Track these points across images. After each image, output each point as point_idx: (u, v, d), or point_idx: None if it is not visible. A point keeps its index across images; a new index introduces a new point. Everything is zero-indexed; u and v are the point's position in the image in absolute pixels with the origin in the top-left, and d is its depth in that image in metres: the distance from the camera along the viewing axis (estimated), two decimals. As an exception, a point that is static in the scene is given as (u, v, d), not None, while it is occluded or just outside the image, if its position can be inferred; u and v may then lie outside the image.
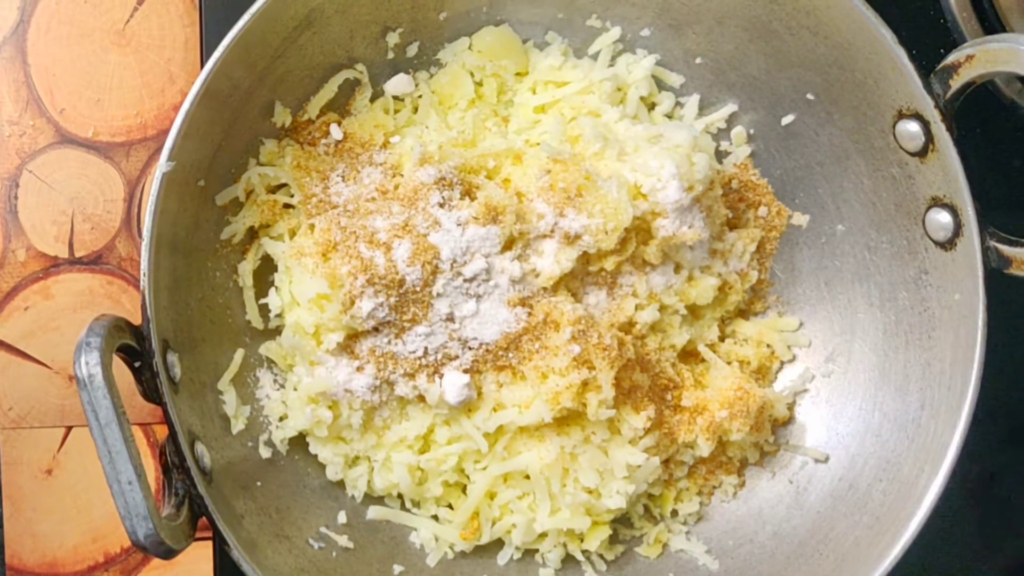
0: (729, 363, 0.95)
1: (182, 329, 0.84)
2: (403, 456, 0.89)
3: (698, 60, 0.94)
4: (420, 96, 0.93)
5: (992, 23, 0.97)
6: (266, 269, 0.91)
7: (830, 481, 0.92)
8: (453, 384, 0.86)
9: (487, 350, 0.86)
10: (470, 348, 0.87)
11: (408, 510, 0.93)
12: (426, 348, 0.87)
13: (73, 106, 0.98)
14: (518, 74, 0.94)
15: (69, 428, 0.97)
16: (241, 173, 0.89)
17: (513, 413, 0.87)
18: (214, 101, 0.82)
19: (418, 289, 0.85)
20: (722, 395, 0.91)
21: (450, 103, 0.93)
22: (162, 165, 0.80)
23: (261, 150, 0.90)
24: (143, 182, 0.98)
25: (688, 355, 0.95)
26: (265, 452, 0.89)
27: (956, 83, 0.80)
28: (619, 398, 0.87)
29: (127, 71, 0.98)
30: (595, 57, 0.94)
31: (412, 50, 0.93)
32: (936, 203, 0.85)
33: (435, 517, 0.92)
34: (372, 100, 0.93)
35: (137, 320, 0.79)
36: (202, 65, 0.96)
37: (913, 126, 0.83)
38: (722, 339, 0.96)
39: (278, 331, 0.91)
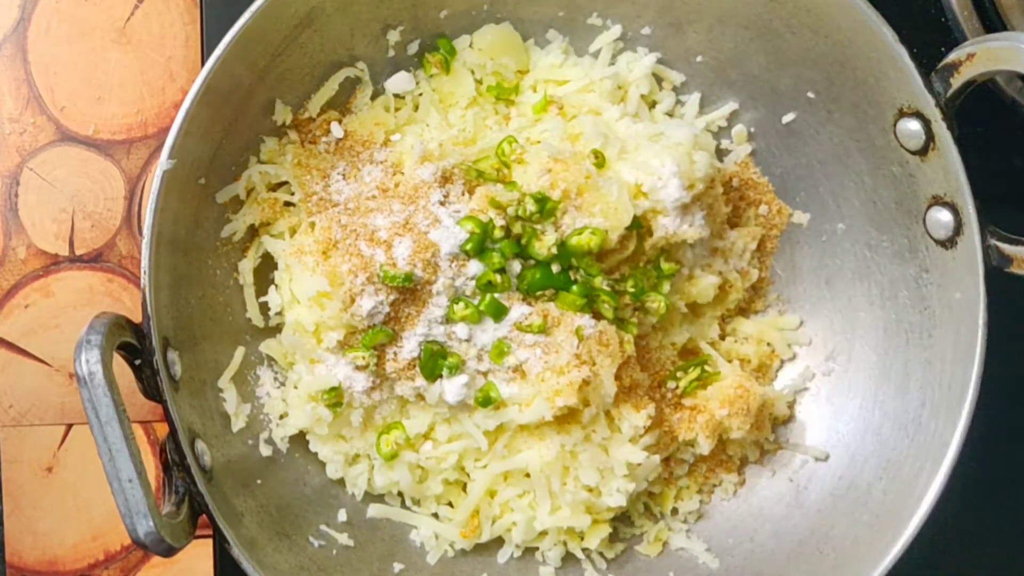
0: (730, 361, 0.94)
1: (182, 327, 0.85)
2: (403, 454, 0.89)
3: (699, 58, 0.94)
4: (421, 94, 0.93)
5: (993, 21, 0.97)
6: (266, 267, 0.91)
7: (830, 480, 0.92)
8: (452, 383, 0.86)
9: (487, 349, 0.87)
10: (470, 347, 0.87)
11: (408, 508, 0.93)
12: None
13: (74, 104, 0.98)
14: (519, 72, 0.94)
15: (69, 426, 0.97)
16: (242, 171, 0.89)
17: (513, 411, 0.87)
18: (215, 99, 0.82)
19: (418, 287, 0.85)
20: (722, 393, 0.91)
21: (451, 101, 0.93)
22: (163, 163, 0.80)
23: (262, 148, 0.90)
24: (144, 180, 0.98)
25: (688, 353, 0.95)
26: (265, 450, 0.90)
27: (957, 82, 0.80)
28: (619, 396, 0.87)
29: (128, 69, 0.98)
30: (596, 55, 0.94)
31: (413, 48, 0.93)
32: (937, 201, 0.85)
33: (435, 515, 0.92)
34: (373, 98, 0.93)
35: (137, 318, 0.79)
36: (203, 63, 0.96)
37: (914, 124, 0.83)
38: (723, 337, 0.96)
39: (278, 329, 0.91)
